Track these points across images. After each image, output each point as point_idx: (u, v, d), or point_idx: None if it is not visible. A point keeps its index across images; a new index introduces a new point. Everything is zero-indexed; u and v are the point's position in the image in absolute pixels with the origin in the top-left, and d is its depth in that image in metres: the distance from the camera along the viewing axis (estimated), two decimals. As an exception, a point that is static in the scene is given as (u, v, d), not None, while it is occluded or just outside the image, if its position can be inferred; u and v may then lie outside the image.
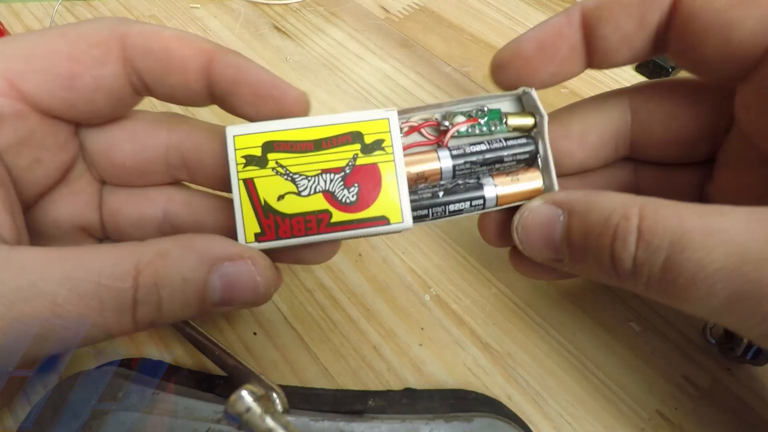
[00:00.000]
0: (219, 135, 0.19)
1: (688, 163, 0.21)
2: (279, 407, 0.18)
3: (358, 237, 0.17)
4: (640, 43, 0.18)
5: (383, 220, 0.17)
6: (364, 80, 0.35)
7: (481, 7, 0.41)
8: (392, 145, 0.17)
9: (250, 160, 0.17)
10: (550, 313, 0.25)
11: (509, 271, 0.26)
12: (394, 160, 0.17)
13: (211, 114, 0.31)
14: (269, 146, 0.17)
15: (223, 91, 0.17)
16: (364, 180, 0.17)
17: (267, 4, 0.40)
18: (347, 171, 0.17)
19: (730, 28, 0.16)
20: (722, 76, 0.17)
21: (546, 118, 0.18)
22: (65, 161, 0.18)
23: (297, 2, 0.40)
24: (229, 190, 0.20)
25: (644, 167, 0.22)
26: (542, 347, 0.24)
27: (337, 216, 0.17)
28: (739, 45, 0.16)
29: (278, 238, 0.17)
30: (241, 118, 0.18)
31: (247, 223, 0.17)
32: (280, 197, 0.17)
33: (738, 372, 0.23)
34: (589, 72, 0.20)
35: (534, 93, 0.18)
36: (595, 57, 0.18)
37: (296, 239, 0.17)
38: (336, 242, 0.19)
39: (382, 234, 0.17)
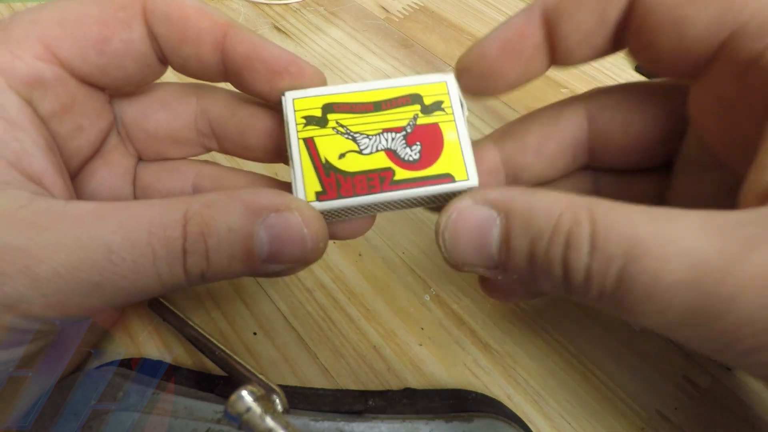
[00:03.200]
0: (242, 102, 0.19)
1: (647, 169, 0.20)
2: (279, 407, 0.18)
3: (420, 198, 0.17)
4: (600, 40, 0.17)
5: (448, 178, 0.17)
6: (364, 80, 0.35)
7: (481, 7, 0.41)
8: (452, 106, 0.17)
9: (309, 120, 0.17)
10: (550, 313, 0.25)
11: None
12: (454, 120, 0.17)
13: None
14: (329, 107, 0.17)
15: (238, 66, 0.17)
16: (426, 139, 0.17)
17: (267, 4, 0.40)
18: (408, 130, 0.17)
19: (683, 25, 0.15)
20: (676, 74, 0.17)
21: (465, 107, 0.18)
22: (103, 129, 0.18)
23: (297, 2, 0.40)
24: (255, 158, 0.20)
25: (604, 175, 0.21)
26: (542, 347, 0.24)
27: (401, 174, 0.17)
28: (692, 42, 0.15)
29: (340, 196, 0.16)
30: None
31: (307, 181, 0.16)
32: (342, 155, 0.16)
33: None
34: (588, 71, 0.20)
35: (451, 80, 0.18)
36: (557, 55, 0.18)
37: (359, 198, 0.16)
38: (372, 216, 0.19)
39: (446, 194, 0.17)
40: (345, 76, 0.35)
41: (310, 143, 0.17)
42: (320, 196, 0.16)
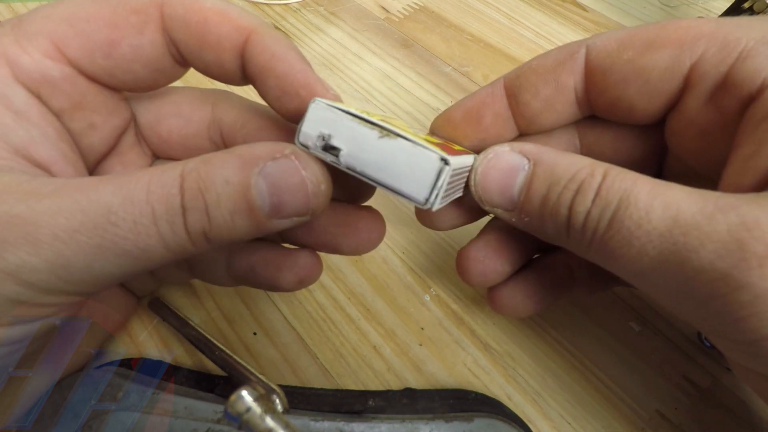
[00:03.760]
0: (254, 115, 0.19)
1: None
2: (279, 407, 0.18)
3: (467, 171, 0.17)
4: (562, 106, 0.19)
5: (472, 154, 0.18)
6: (364, 80, 0.35)
7: (481, 7, 0.41)
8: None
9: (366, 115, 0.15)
10: (550, 313, 0.25)
11: (509, 271, 0.26)
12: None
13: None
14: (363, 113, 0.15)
15: (253, 76, 0.17)
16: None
17: (267, 4, 0.40)
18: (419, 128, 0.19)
19: (645, 72, 0.17)
20: (653, 115, 0.18)
21: None
22: (117, 126, 0.18)
23: (297, 2, 0.40)
24: None
25: None
26: (542, 347, 0.24)
27: (453, 146, 0.17)
28: (658, 83, 0.17)
29: (453, 155, 0.14)
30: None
31: (428, 144, 0.14)
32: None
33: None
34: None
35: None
36: (522, 122, 0.19)
37: (462, 157, 0.16)
38: (381, 229, 0.19)
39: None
40: (345, 76, 0.35)
41: (390, 122, 0.15)
42: (446, 153, 0.14)
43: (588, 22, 0.41)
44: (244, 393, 0.15)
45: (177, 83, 0.19)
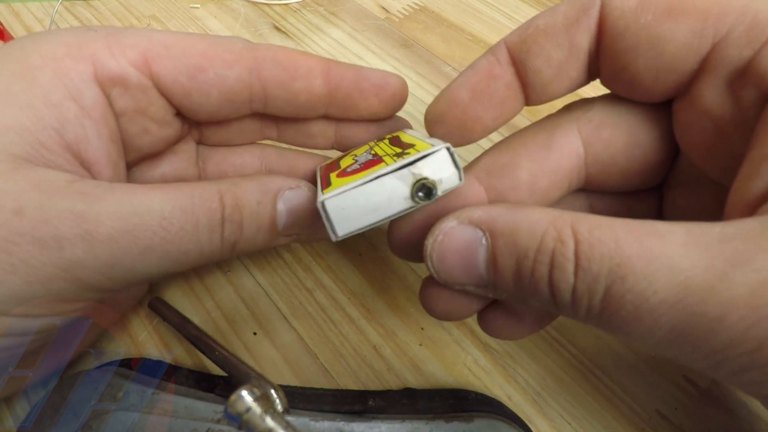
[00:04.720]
0: (298, 155, 0.23)
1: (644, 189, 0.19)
2: (279, 407, 0.18)
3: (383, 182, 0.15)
4: (575, 71, 0.17)
5: (410, 150, 0.15)
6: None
7: (481, 7, 0.41)
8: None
9: None
10: (550, 313, 0.25)
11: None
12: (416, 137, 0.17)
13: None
14: None
15: (347, 91, 0.20)
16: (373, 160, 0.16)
17: (267, 4, 0.40)
18: (372, 143, 0.20)
19: (661, 43, 0.15)
20: (658, 95, 0.16)
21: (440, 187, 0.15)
22: (169, 135, 0.20)
23: (297, 2, 0.40)
24: (314, 143, 0.23)
25: (598, 196, 0.20)
26: (542, 347, 0.24)
27: (334, 183, 0.16)
28: (672, 61, 0.15)
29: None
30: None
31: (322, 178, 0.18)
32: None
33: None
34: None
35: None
36: (532, 92, 0.17)
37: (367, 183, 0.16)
38: None
39: (418, 172, 0.15)
40: (345, 76, 0.35)
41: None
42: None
43: (588, 22, 0.41)
44: (244, 393, 0.15)
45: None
